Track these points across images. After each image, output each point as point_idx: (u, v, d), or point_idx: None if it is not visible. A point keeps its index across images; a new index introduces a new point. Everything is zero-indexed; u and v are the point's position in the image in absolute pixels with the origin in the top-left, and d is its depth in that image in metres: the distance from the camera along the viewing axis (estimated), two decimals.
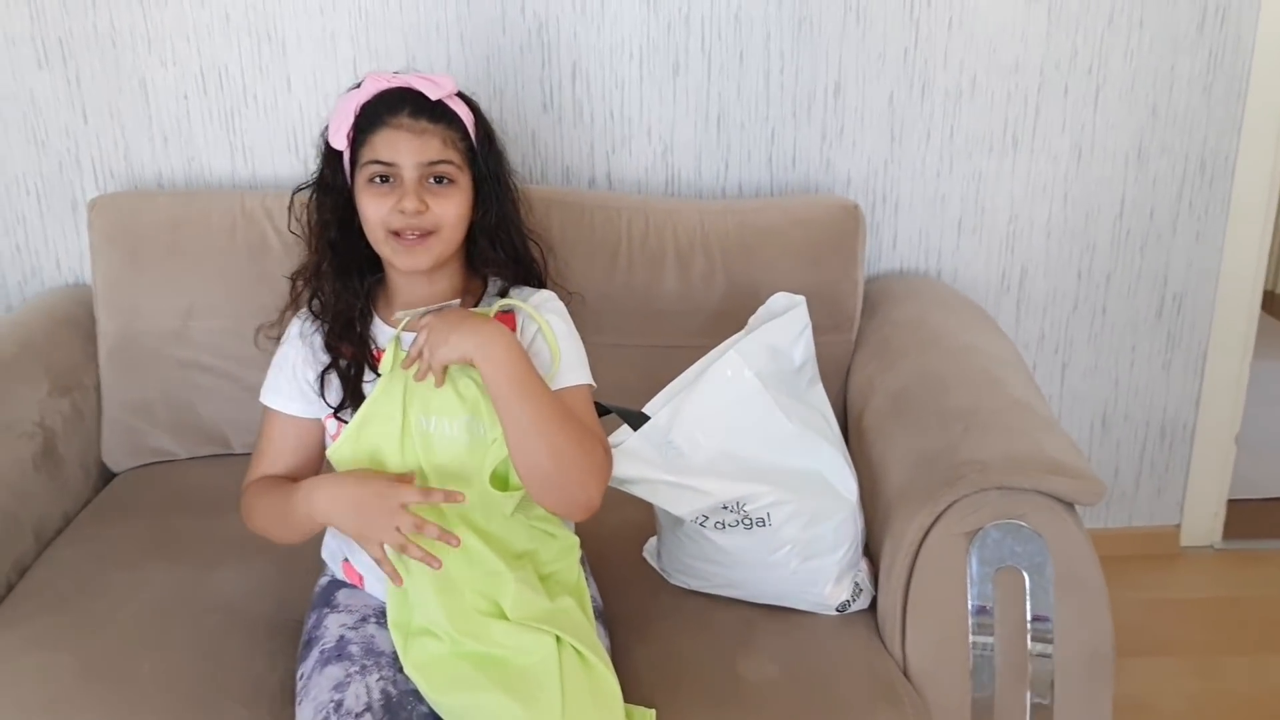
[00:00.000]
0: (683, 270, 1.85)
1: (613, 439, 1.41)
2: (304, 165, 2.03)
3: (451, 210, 1.31)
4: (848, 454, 1.47)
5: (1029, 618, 1.38)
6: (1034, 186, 2.12)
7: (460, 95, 1.37)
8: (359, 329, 1.36)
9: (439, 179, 1.31)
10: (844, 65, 2.02)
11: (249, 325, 1.83)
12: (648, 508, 1.66)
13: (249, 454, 1.88)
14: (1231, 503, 2.40)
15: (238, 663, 1.40)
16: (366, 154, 1.30)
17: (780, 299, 1.48)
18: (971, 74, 2.04)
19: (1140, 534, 2.38)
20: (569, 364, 1.33)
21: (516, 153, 1.55)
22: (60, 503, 1.75)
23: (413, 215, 1.28)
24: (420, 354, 1.25)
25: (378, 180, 1.30)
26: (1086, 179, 2.12)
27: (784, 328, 1.45)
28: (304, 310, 1.40)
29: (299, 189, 1.41)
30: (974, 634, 1.39)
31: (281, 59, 1.98)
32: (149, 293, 1.86)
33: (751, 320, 1.47)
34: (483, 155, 1.36)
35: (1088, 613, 1.39)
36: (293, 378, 1.37)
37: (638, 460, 1.39)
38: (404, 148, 1.28)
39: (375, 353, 1.36)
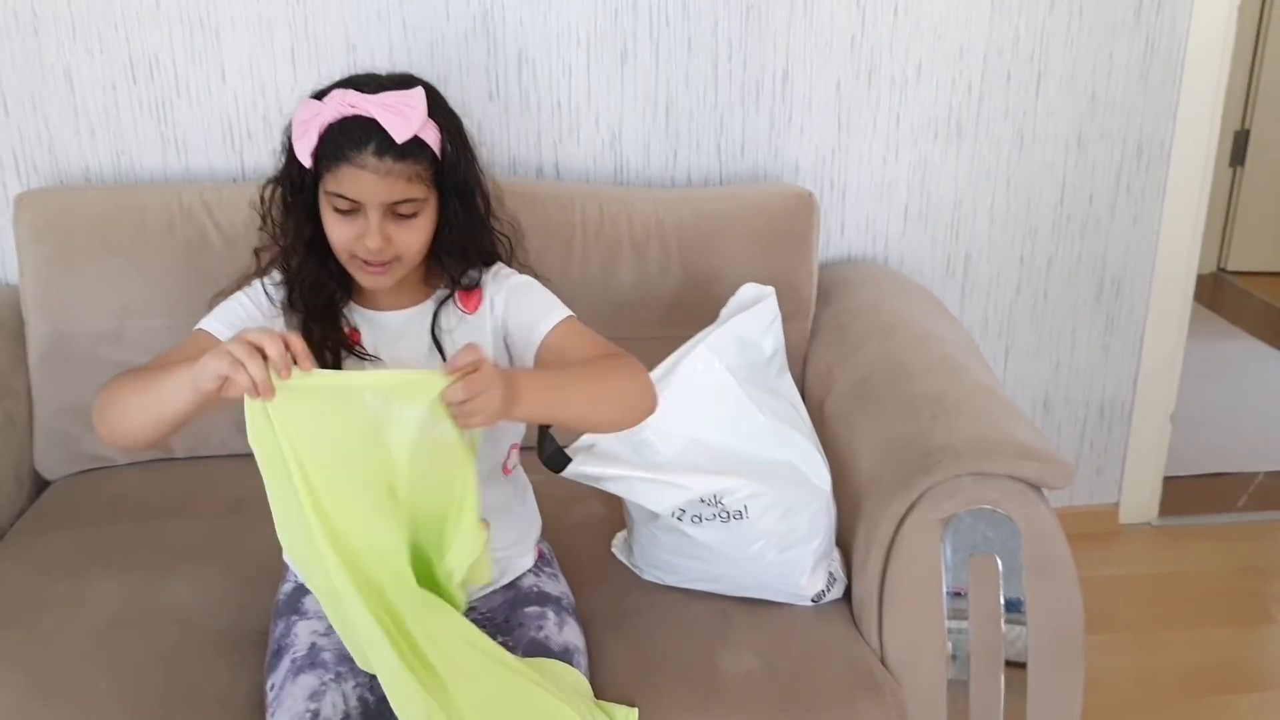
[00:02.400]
0: (638, 260, 1.83)
1: (586, 440, 1.38)
2: (240, 158, 1.97)
3: (416, 240, 1.29)
4: (819, 443, 1.46)
5: (1002, 601, 1.40)
6: (978, 172, 2.14)
7: (431, 106, 1.28)
8: (335, 312, 1.32)
9: (403, 214, 1.28)
10: (791, 52, 2.01)
11: (189, 324, 1.76)
12: (612, 502, 1.64)
13: (191, 459, 1.84)
14: (1167, 480, 2.46)
15: (200, 676, 1.35)
16: (330, 183, 1.25)
17: (749, 289, 1.47)
18: (917, 61, 2.05)
19: (1080, 513, 2.42)
20: (544, 311, 1.35)
21: None
22: None
23: (375, 252, 1.26)
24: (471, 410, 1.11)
25: (342, 210, 1.26)
26: (1028, 164, 2.15)
27: (754, 319, 1.43)
28: (274, 277, 1.34)
29: (268, 184, 1.35)
30: (949, 619, 1.40)
31: (215, 47, 1.90)
32: (82, 292, 1.78)
33: (723, 312, 1.46)
34: (450, 173, 1.30)
35: (1058, 594, 1.40)
36: (245, 320, 1.30)
37: (612, 458, 1.37)
38: (368, 188, 1.24)
39: (349, 333, 1.33)
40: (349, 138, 1.24)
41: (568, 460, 1.35)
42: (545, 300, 1.37)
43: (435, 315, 1.35)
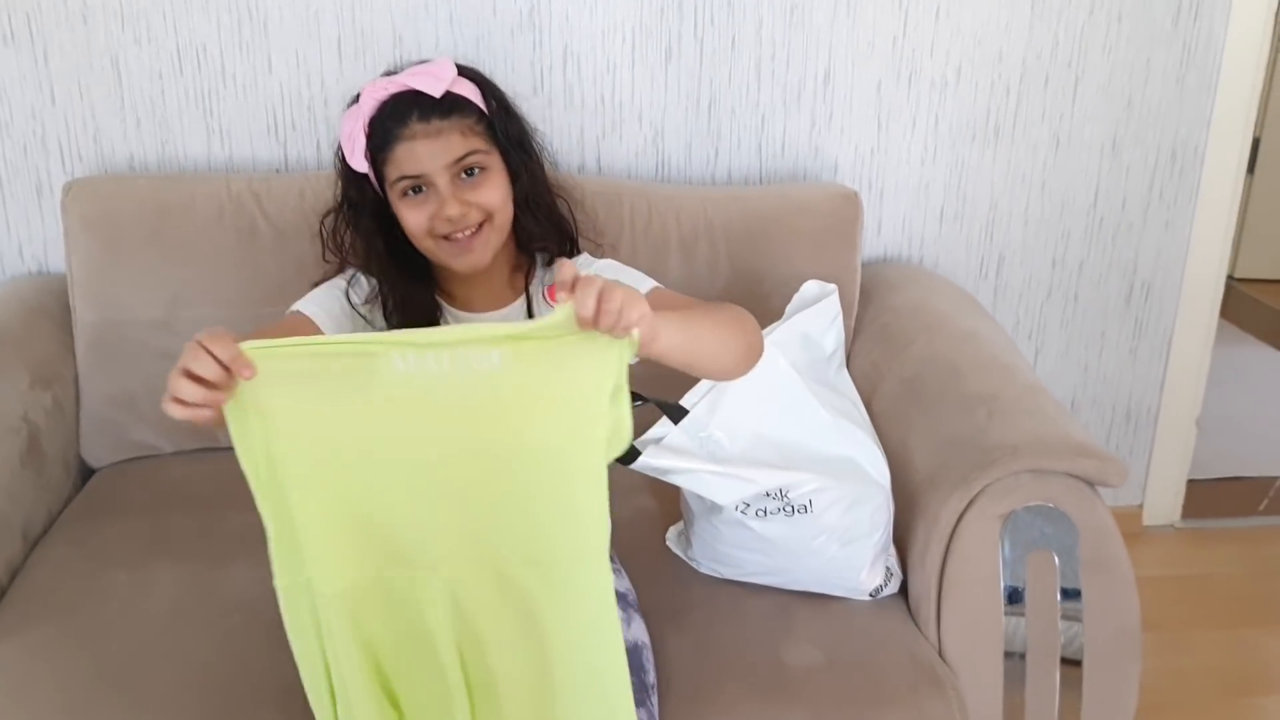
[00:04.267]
0: (687, 258, 1.84)
1: (652, 433, 1.39)
2: (283, 149, 1.97)
3: (494, 196, 1.30)
4: (878, 439, 1.47)
5: (1059, 598, 1.41)
6: (1014, 175, 2.16)
7: (461, 71, 1.33)
8: (433, 322, 1.34)
9: (469, 171, 1.28)
10: (834, 53, 2.02)
11: (239, 314, 1.79)
12: (663, 496, 1.66)
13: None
14: (1189, 483, 2.48)
15: (266, 664, 1.34)
16: (392, 171, 1.27)
17: (812, 286, 1.48)
18: (957, 64, 2.06)
19: None
20: (634, 283, 1.32)
21: None
22: (44, 501, 1.66)
23: (458, 219, 1.26)
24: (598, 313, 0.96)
25: (411, 193, 1.27)
26: (1063, 169, 2.17)
27: (817, 316, 1.45)
28: (359, 285, 1.35)
29: (326, 216, 1.36)
30: (1007, 615, 1.41)
31: (263, 37, 1.90)
32: (131, 281, 1.78)
33: (787, 309, 1.47)
34: (501, 127, 1.33)
35: (1115, 591, 1.42)
36: (339, 308, 1.31)
37: (679, 453, 1.38)
38: (426, 155, 1.25)
39: None
40: (391, 116, 1.27)
41: (637, 453, 1.35)
42: (633, 275, 1.37)
43: (529, 314, 1.35)
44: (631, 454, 1.35)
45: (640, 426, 1.41)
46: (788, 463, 1.38)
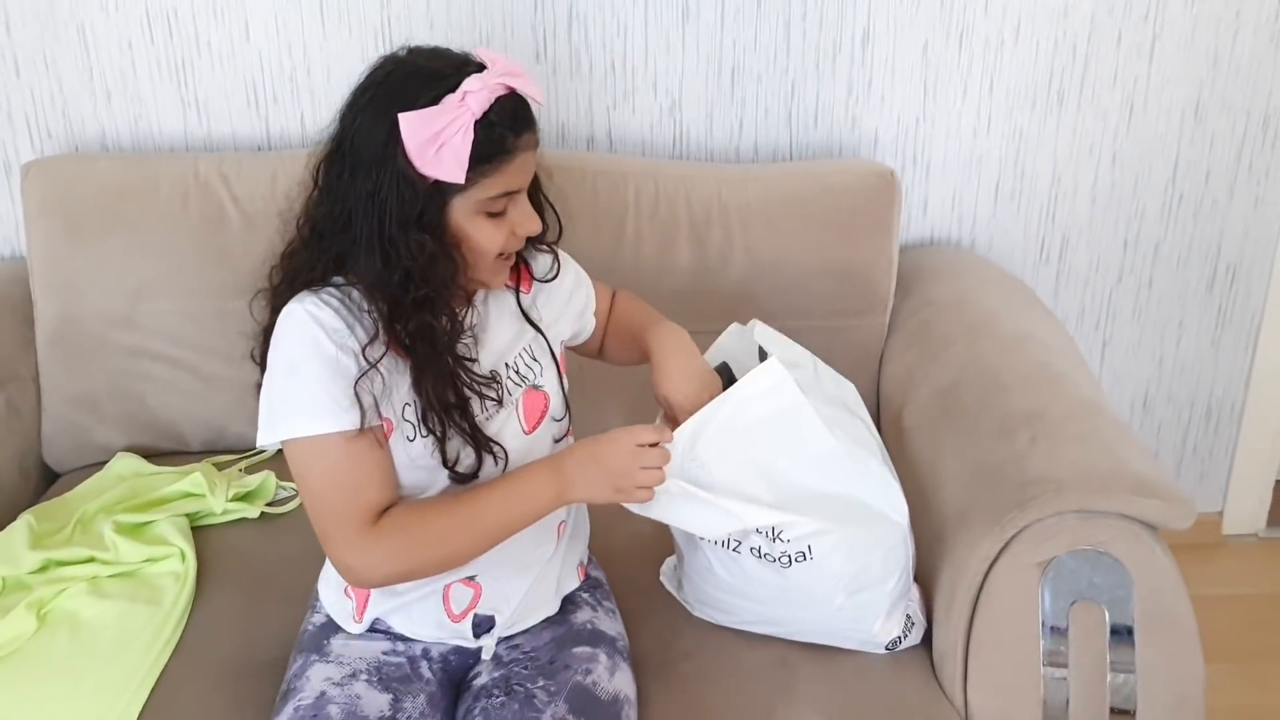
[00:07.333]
0: (697, 245, 1.65)
1: None
2: (265, 123, 1.82)
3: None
4: (893, 468, 1.27)
5: (1108, 658, 1.21)
6: (1080, 146, 1.92)
7: None
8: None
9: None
10: (873, 10, 1.80)
11: (204, 308, 1.66)
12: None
13: (207, 452, 1.70)
14: (1277, 486, 2.24)
15: (196, 712, 1.21)
16: (494, 185, 1.08)
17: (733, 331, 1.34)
18: (1015, 20, 1.83)
19: None
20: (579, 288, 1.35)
21: None
22: None
23: (533, 234, 1.16)
24: None
25: (497, 212, 1.11)
26: (1137, 138, 1.92)
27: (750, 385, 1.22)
28: (328, 296, 1.11)
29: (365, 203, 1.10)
30: (1045, 676, 1.22)
31: (239, 1, 1.74)
32: (92, 271, 1.64)
33: (708, 354, 1.30)
34: None
35: (1175, 653, 1.22)
36: (336, 378, 1.07)
37: None
38: (526, 168, 1.12)
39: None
40: (510, 124, 1.07)
41: None
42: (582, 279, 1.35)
43: (516, 292, 1.24)
44: None
45: None
46: (784, 500, 1.19)
